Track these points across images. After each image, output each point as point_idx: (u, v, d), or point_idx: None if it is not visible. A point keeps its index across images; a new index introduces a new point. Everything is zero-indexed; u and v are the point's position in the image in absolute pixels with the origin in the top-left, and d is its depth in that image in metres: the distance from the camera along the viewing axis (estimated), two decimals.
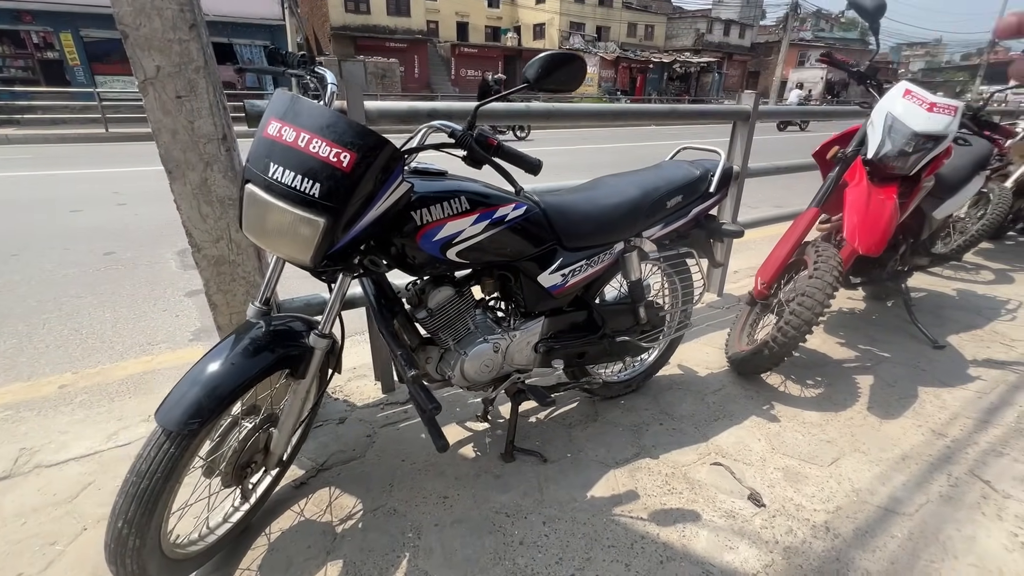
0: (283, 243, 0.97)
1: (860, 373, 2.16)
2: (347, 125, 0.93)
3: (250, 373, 1.03)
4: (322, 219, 0.93)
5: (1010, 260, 3.69)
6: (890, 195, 1.85)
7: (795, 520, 1.39)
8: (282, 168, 0.92)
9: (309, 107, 0.94)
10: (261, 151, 0.94)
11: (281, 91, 0.98)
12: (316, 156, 0.91)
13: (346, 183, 0.93)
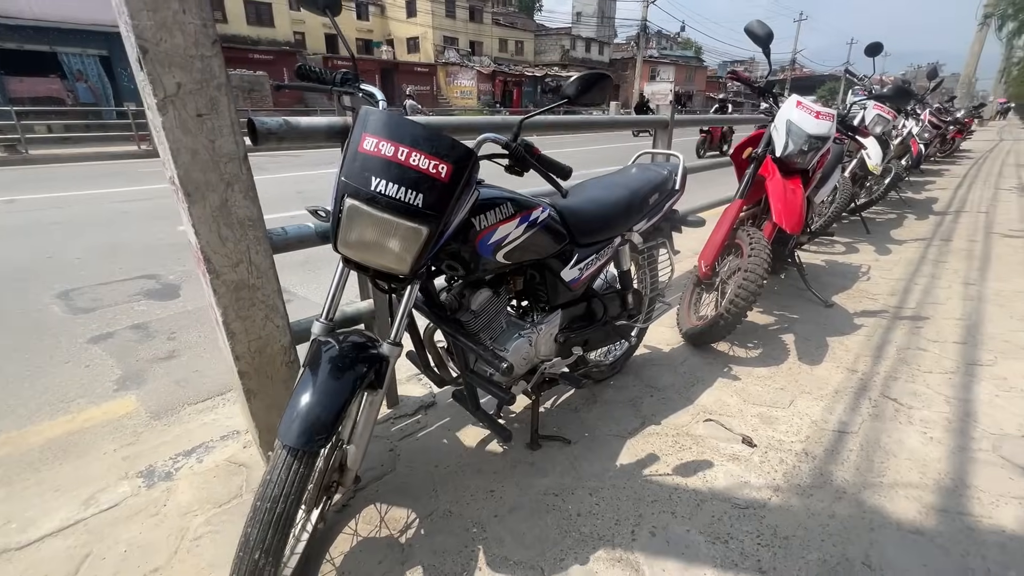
0: (384, 253, 0.99)
1: (782, 333, 2.61)
2: (441, 138, 0.99)
3: (349, 388, 1.02)
4: (425, 227, 0.98)
5: (850, 235, 4.63)
6: (797, 185, 2.30)
7: (782, 452, 1.69)
8: (384, 181, 0.95)
9: (404, 122, 0.99)
10: (359, 166, 0.96)
11: (368, 108, 1.00)
12: (417, 168, 0.96)
13: (445, 192, 0.99)
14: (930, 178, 8.26)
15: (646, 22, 29.13)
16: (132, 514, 1.46)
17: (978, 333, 2.59)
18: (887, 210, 5.69)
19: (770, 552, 1.31)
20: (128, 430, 1.99)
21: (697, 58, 55.81)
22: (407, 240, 0.99)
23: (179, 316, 3.10)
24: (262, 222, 1.36)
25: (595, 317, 1.79)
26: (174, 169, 1.18)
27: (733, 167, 2.78)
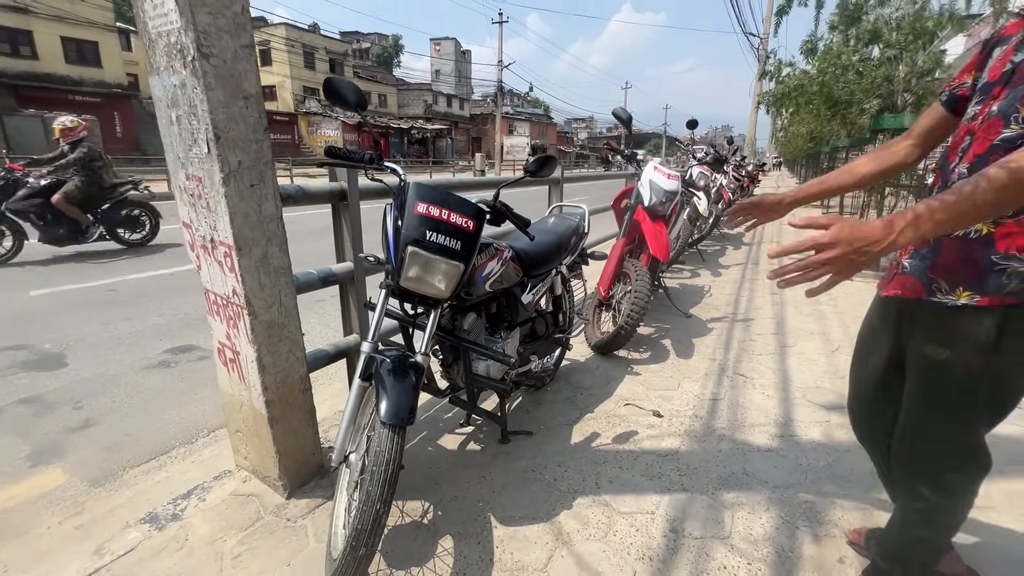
0: (434, 283, 1.38)
1: (662, 339, 3.38)
2: (466, 202, 1.44)
3: (413, 383, 1.35)
4: (462, 264, 1.40)
5: (692, 263, 5.87)
6: (662, 227, 3.13)
7: (681, 418, 2.33)
8: (435, 233, 1.36)
9: (441, 192, 1.41)
10: (416, 223, 1.36)
11: (417, 183, 1.41)
12: (454, 224, 1.39)
13: (472, 239, 1.43)
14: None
15: (501, 83, 32.12)
16: (156, 552, 1.54)
17: (784, 326, 3.64)
18: (713, 243, 7.24)
19: (687, 478, 1.89)
20: (67, 501, 1.92)
21: (547, 115, 62.29)
22: (449, 275, 1.40)
23: (76, 385, 2.89)
24: (290, 269, 1.63)
25: (540, 332, 2.29)
26: (229, 228, 1.43)
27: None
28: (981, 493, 1.08)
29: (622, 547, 1.55)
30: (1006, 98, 0.93)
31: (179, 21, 1.28)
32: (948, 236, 0.98)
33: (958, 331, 0.98)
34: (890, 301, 1.13)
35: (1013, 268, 0.92)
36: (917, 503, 1.15)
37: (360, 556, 1.18)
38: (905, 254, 1.10)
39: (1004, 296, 0.93)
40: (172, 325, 3.83)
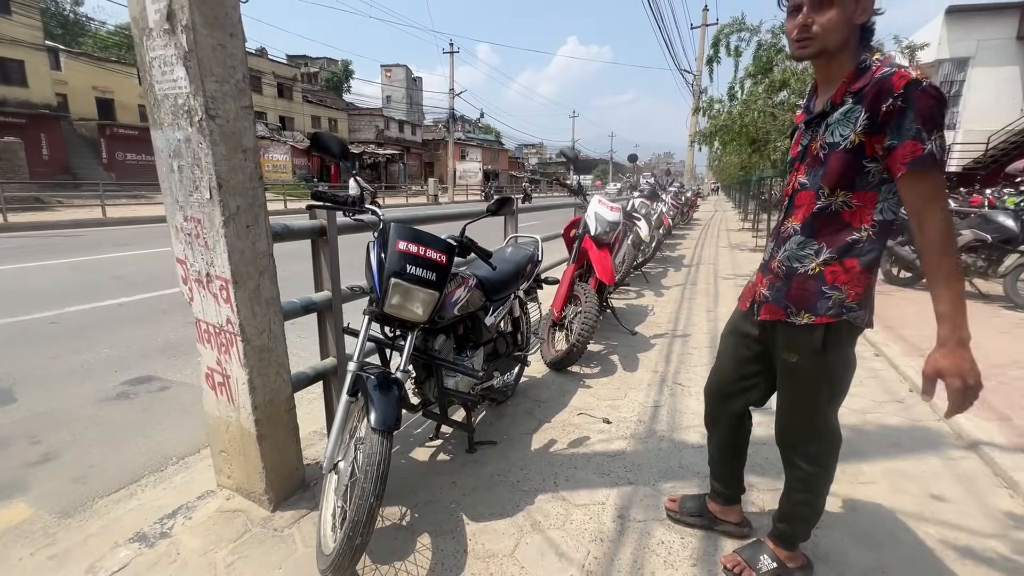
0: (413, 309, 1.62)
1: (610, 355, 3.71)
2: (438, 239, 1.69)
3: (396, 396, 1.56)
4: (437, 292, 1.65)
5: (637, 285, 6.33)
6: (607, 253, 3.49)
7: (628, 423, 2.63)
8: (413, 267, 1.60)
9: (417, 232, 1.66)
10: (397, 258, 1.59)
11: (396, 224, 1.65)
12: (429, 258, 1.64)
13: (444, 271, 1.68)
14: (678, 240, 11.32)
15: (453, 110, 32.81)
16: (149, 566, 1.64)
17: (716, 340, 4.07)
18: (656, 266, 7.80)
19: (633, 473, 2.17)
20: (37, 533, 1.95)
21: (498, 141, 63.72)
22: (426, 301, 1.64)
23: (30, 420, 2.87)
24: (279, 299, 1.82)
25: (501, 350, 2.55)
26: (227, 264, 1.61)
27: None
28: (864, 471, 1.42)
29: (578, 532, 1.80)
30: (808, 175, 1.31)
31: (189, 87, 1.48)
32: (795, 274, 1.34)
33: (802, 342, 1.33)
34: (759, 321, 1.47)
35: (833, 296, 1.29)
36: (795, 472, 1.49)
37: (356, 545, 1.37)
38: (763, 286, 1.45)
39: (826, 316, 1.29)
40: (127, 356, 3.80)
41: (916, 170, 1.12)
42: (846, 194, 1.26)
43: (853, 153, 1.22)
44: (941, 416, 2.71)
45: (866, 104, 1.17)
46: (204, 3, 1.44)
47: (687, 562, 1.67)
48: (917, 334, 4.16)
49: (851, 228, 1.27)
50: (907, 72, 1.13)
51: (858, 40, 1.24)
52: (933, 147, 1.10)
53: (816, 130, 1.31)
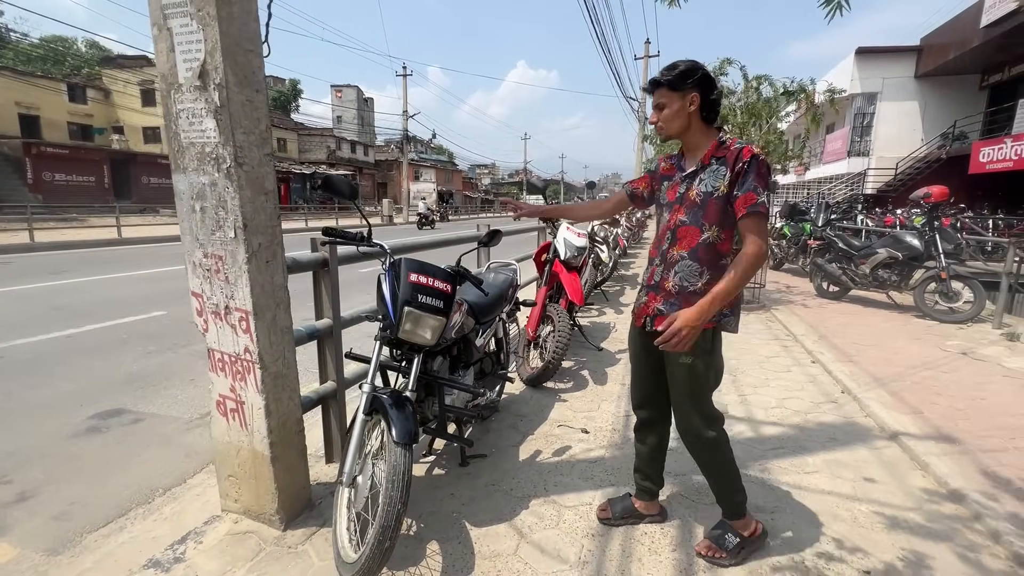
0: (422, 333, 1.80)
1: (580, 370, 3.98)
2: (443, 271, 1.89)
3: (412, 412, 1.73)
4: (444, 318, 1.84)
5: (599, 303, 6.69)
6: (576, 276, 3.78)
7: (604, 432, 2.88)
8: (423, 296, 1.79)
9: (425, 264, 1.85)
10: (409, 289, 1.78)
11: (407, 258, 1.84)
12: (437, 288, 1.84)
13: (450, 299, 1.88)
14: (631, 259, 11.92)
15: (407, 131, 32.96)
16: None
17: None
18: (614, 284, 8.23)
19: (613, 476, 2.41)
20: (26, 573, 1.95)
21: (451, 162, 64.24)
22: (434, 327, 1.83)
23: (1, 458, 2.79)
24: (292, 329, 1.95)
25: (487, 369, 2.74)
26: (249, 297, 1.74)
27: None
28: (808, 462, 1.70)
29: (571, 530, 2.01)
30: (688, 215, 1.71)
31: (218, 137, 1.63)
32: (688, 290, 1.71)
33: (698, 344, 1.65)
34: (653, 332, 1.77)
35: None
36: (703, 456, 1.82)
37: (385, 548, 1.52)
38: (657, 302, 1.78)
39: (711, 322, 1.65)
40: (89, 390, 3.69)
41: (751, 212, 1.59)
42: (719, 229, 1.68)
43: (722, 200, 1.65)
44: (868, 413, 3.13)
45: (729, 166, 1.63)
46: (236, 64, 1.60)
47: (667, 548, 1.91)
48: (845, 342, 4.69)
49: (722, 254, 1.70)
50: (752, 148, 1.62)
51: (700, 121, 1.70)
52: (762, 199, 1.59)
53: (691, 183, 1.72)
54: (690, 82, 1.65)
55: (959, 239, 5.89)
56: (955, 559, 1.86)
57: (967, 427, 2.88)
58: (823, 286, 6.99)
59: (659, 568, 1.81)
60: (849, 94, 17.99)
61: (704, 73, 1.68)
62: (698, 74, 1.66)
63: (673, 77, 1.65)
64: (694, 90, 1.66)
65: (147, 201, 22.19)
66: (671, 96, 1.67)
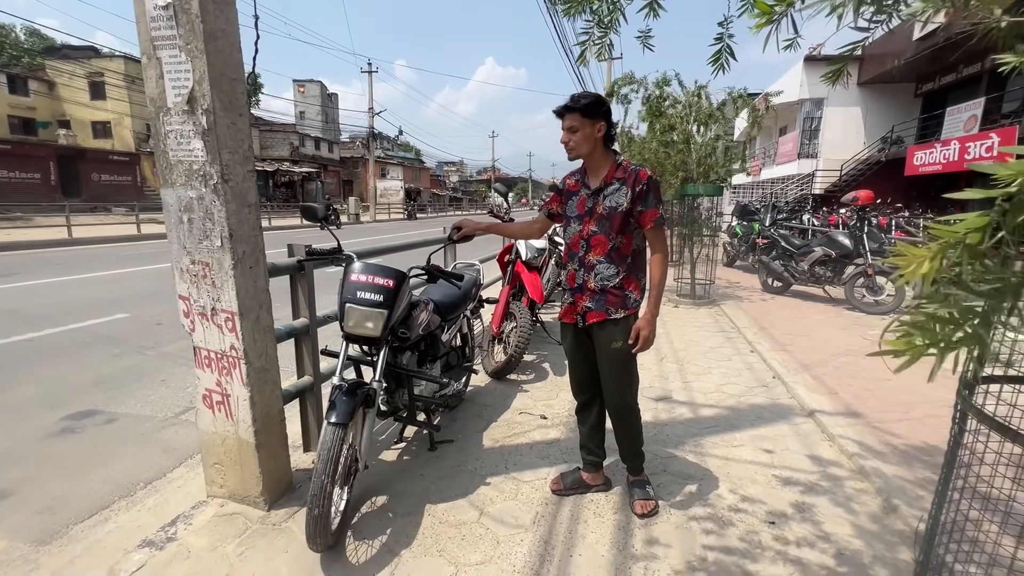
0: (367, 326, 2.03)
1: (541, 363, 4.27)
2: (387, 269, 2.13)
3: (356, 399, 1.93)
4: (385, 311, 2.07)
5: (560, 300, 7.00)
6: (536, 276, 4.07)
7: (560, 417, 3.17)
8: (363, 292, 2.03)
9: (370, 264, 2.10)
10: (351, 287, 2.02)
11: (354, 261, 2.07)
12: (377, 283, 2.07)
13: (392, 294, 2.11)
14: None
15: (373, 129, 32.62)
16: (167, 563, 1.89)
17: None
18: None
19: (567, 454, 2.71)
20: (17, 561, 2.07)
21: (419, 160, 63.74)
22: (376, 319, 2.06)
23: None
24: (273, 327, 2.15)
25: (453, 363, 2.99)
26: (235, 300, 1.94)
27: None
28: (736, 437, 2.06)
29: (527, 500, 2.29)
30: (598, 225, 2.04)
31: (205, 156, 1.82)
32: (608, 287, 2.04)
33: (621, 328, 2.05)
34: (583, 327, 2.13)
35: (631, 296, 2.07)
36: (624, 423, 2.20)
37: (316, 515, 1.74)
38: (585, 300, 2.10)
39: (630, 308, 2.06)
40: (58, 393, 3.74)
41: (657, 226, 2.01)
42: (622, 236, 2.03)
43: (625, 213, 1.99)
44: (793, 394, 3.55)
45: (628, 185, 1.98)
46: (222, 91, 1.80)
47: (610, 511, 2.22)
48: (782, 332, 5.17)
49: (625, 255, 2.06)
50: (646, 170, 1.99)
51: (603, 143, 2.03)
52: (662, 211, 2.00)
53: (597, 199, 2.05)
54: (599, 112, 1.96)
55: (883, 238, 6.49)
56: (837, 508, 2.24)
57: (872, 404, 3.32)
58: (768, 282, 7.54)
59: (602, 527, 2.11)
60: (799, 99, 19.02)
61: (607, 107, 2.00)
62: (605, 106, 1.98)
63: (584, 106, 1.94)
64: (601, 119, 1.97)
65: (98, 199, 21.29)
66: (583, 122, 1.96)
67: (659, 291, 2.03)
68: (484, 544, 2.00)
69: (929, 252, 0.92)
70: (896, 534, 2.07)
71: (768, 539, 2.04)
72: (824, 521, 2.15)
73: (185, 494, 2.40)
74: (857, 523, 2.14)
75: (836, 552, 1.96)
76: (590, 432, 2.34)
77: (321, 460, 1.77)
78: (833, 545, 2.00)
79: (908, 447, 2.77)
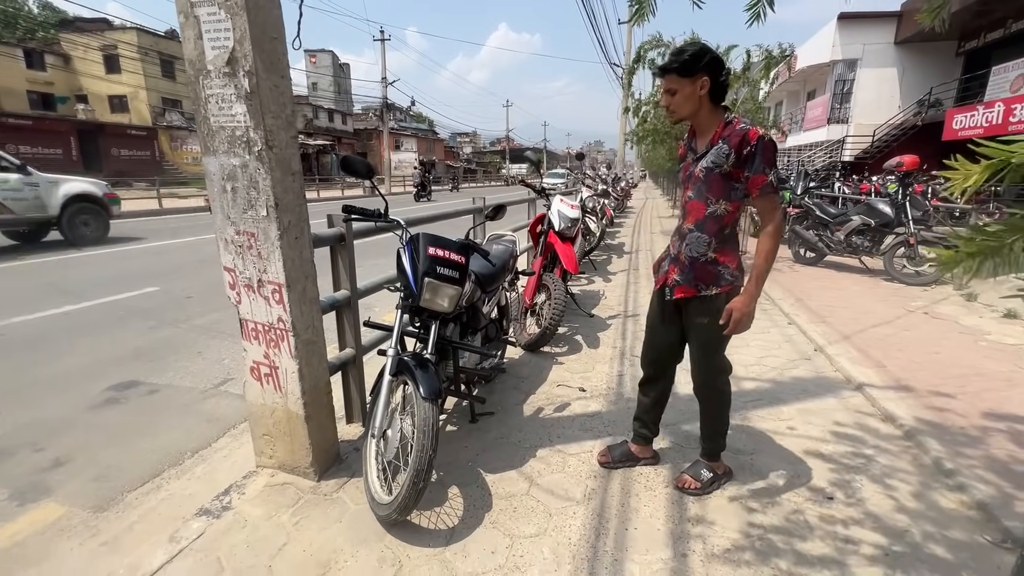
0: (440, 301, 1.98)
1: (574, 335, 4.22)
2: (457, 243, 2.06)
3: (435, 372, 1.92)
4: (459, 287, 2.02)
5: (587, 272, 6.92)
6: (570, 247, 3.97)
7: (600, 390, 3.13)
8: (441, 267, 1.96)
9: (442, 238, 2.02)
10: (429, 261, 1.95)
11: (424, 233, 2.00)
12: (453, 260, 2.01)
13: (463, 269, 2.05)
14: (617, 229, 12.14)
15: (386, 99, 32.13)
16: (225, 531, 1.91)
17: None
18: (602, 253, 8.45)
19: (610, 427, 2.67)
20: (78, 527, 2.11)
21: (432, 130, 62.87)
22: (451, 296, 2.01)
23: (24, 430, 2.93)
24: (319, 299, 2.11)
25: (491, 335, 2.95)
26: (282, 271, 1.89)
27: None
28: (783, 411, 1.98)
29: (575, 473, 2.27)
30: (694, 189, 1.88)
31: (249, 121, 1.74)
32: (697, 261, 1.89)
33: (711, 306, 1.88)
34: (672, 300, 2.00)
35: (725, 272, 1.88)
36: (709, 402, 2.08)
37: (419, 489, 1.74)
38: (674, 273, 1.97)
39: (724, 286, 1.87)
40: (99, 364, 3.80)
41: (764, 193, 1.74)
42: (724, 204, 1.83)
43: (724, 177, 1.79)
44: (837, 367, 3.45)
45: (733, 147, 1.74)
46: (264, 51, 1.70)
47: (661, 485, 2.19)
48: (820, 304, 5.02)
49: (725, 225, 1.86)
50: (757, 129, 1.73)
51: (709, 102, 1.80)
52: (772, 178, 1.73)
53: (700, 161, 1.86)
54: (700, 67, 1.73)
55: (927, 206, 6.21)
56: (897, 486, 2.17)
57: (923, 377, 3.21)
58: (800, 252, 7.31)
59: (654, 501, 2.08)
60: (830, 60, 18.12)
61: (712, 56, 1.74)
62: (707, 58, 1.73)
63: (682, 63, 1.74)
64: (704, 74, 1.74)
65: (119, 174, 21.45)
66: (681, 82, 1.76)
67: (762, 270, 1.76)
68: (536, 516, 1.99)
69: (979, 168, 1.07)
70: (967, 520, 2.00)
71: (825, 517, 1.99)
72: (884, 500, 2.09)
73: (232, 463, 2.43)
74: (922, 504, 2.07)
75: (899, 533, 1.91)
76: (650, 406, 2.27)
77: (424, 435, 1.75)
78: (896, 526, 1.94)
79: (968, 424, 2.67)
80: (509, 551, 1.80)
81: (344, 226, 2.36)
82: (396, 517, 1.81)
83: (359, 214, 2.11)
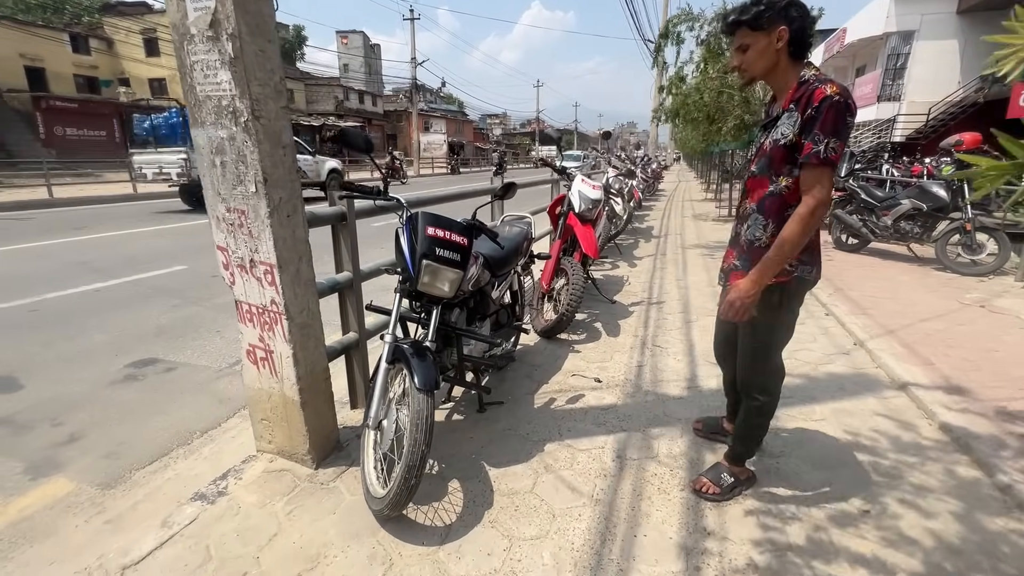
0: (440, 285, 1.85)
1: (594, 323, 4.04)
2: (459, 224, 1.91)
3: (432, 363, 1.80)
4: (460, 271, 1.88)
5: (611, 256, 6.67)
6: (590, 229, 3.76)
7: (616, 381, 2.96)
8: (440, 249, 1.83)
9: (441, 217, 1.87)
10: (427, 242, 1.81)
11: (424, 212, 1.86)
12: (454, 241, 1.86)
13: (466, 252, 1.91)
14: (646, 212, 11.74)
15: (416, 80, 31.96)
16: (217, 518, 1.86)
17: (688, 306, 4.46)
18: (628, 237, 8.16)
19: (625, 422, 2.51)
20: (84, 504, 2.11)
21: (462, 112, 62.41)
22: (452, 280, 1.87)
23: (43, 404, 2.96)
24: (315, 281, 2.01)
25: (503, 321, 2.81)
26: (272, 251, 1.79)
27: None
28: (816, 410, 1.78)
29: (584, 471, 2.13)
30: (758, 164, 1.64)
31: (234, 90, 1.63)
32: (754, 246, 1.67)
33: (763, 300, 1.64)
34: (728, 286, 1.78)
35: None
36: (752, 402, 1.85)
37: (411, 485, 1.64)
38: (733, 257, 1.78)
39: (779, 277, 1.62)
40: (122, 340, 3.86)
41: (807, 163, 1.48)
42: (787, 180, 1.57)
43: (789, 148, 1.53)
44: (879, 364, 3.17)
45: (800, 110, 1.49)
46: (247, 12, 1.57)
47: (676, 487, 2.02)
48: (861, 294, 4.67)
49: (788, 205, 1.58)
50: (825, 88, 1.44)
51: (788, 58, 1.55)
52: (821, 148, 1.43)
53: (769, 130, 1.63)
54: (776, 14, 1.49)
55: None
56: (942, 498, 1.94)
57: (978, 378, 2.91)
58: (842, 238, 6.86)
59: (667, 505, 1.92)
60: (883, 33, 16.88)
61: (787, 3, 1.48)
62: (781, 4, 1.48)
63: (752, 15, 1.50)
64: (781, 22, 1.49)
65: None
66: (755, 36, 1.53)
67: (780, 252, 1.52)
68: (539, 517, 1.86)
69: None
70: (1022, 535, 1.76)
71: (859, 535, 1.79)
72: (928, 520, 1.86)
73: (239, 444, 2.40)
74: (971, 527, 1.84)
75: (941, 560, 1.69)
76: (729, 388, 2.15)
77: (417, 429, 1.65)
78: (940, 551, 1.73)
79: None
80: (506, 554, 1.69)
81: (345, 205, 2.25)
82: (388, 513, 1.71)
83: (358, 191, 1.98)
